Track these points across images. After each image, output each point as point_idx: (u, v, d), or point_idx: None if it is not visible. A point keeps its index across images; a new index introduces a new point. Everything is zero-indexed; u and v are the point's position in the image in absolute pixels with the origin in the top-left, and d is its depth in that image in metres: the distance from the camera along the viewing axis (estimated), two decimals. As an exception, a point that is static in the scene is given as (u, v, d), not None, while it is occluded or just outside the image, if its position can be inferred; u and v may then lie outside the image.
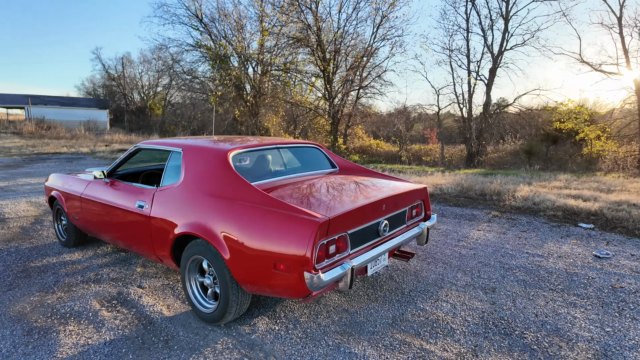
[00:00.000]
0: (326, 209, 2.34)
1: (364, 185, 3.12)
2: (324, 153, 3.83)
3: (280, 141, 3.59)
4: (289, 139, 3.87)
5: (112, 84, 38.12)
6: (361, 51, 14.69)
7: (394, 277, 3.46)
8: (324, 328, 2.61)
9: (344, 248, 2.40)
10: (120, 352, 2.32)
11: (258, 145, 3.26)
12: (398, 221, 2.97)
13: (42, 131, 26.45)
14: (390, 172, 10.47)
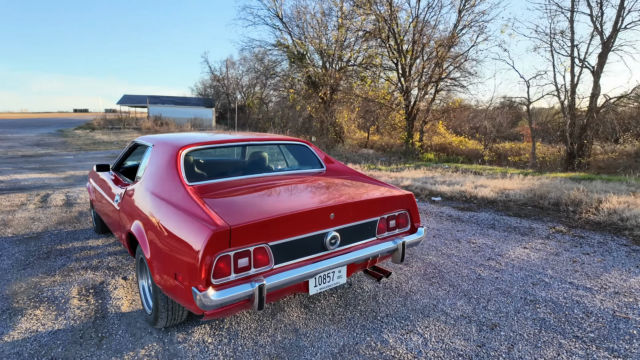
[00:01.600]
0: (239, 216, 2.06)
1: (321, 188, 2.74)
2: (312, 152, 3.50)
3: (259, 137, 3.38)
4: (274, 136, 3.63)
5: (217, 84, 41.83)
6: (441, 40, 13.53)
7: (377, 297, 3.00)
8: (258, 348, 2.35)
9: (264, 262, 2.10)
10: (53, 344, 2.38)
11: (221, 142, 3.10)
12: (360, 233, 2.53)
13: (157, 127, 30.23)
14: (461, 173, 9.46)
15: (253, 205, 2.29)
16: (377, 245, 2.56)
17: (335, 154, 14.68)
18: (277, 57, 17.87)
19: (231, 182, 2.81)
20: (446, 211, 5.78)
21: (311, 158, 3.46)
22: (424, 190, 7.18)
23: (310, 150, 3.51)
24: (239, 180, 2.87)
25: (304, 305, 2.87)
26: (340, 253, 2.40)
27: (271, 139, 3.43)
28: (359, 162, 12.39)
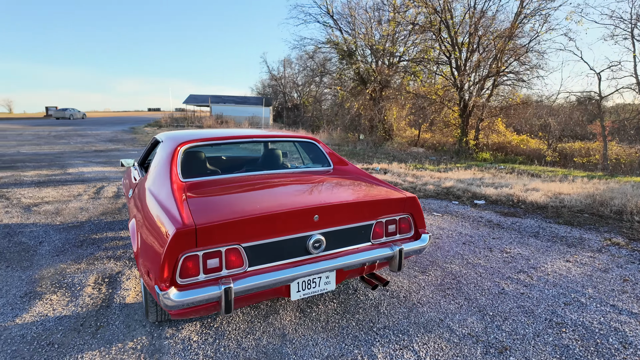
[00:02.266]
0: (211, 215, 2.00)
1: (315, 188, 2.59)
2: (321, 149, 3.36)
3: (266, 134, 3.31)
4: (282, 132, 3.54)
5: (275, 83, 42.89)
6: (500, 31, 12.53)
7: (380, 306, 2.80)
8: (239, 351, 2.28)
9: (237, 263, 2.02)
10: (55, 330, 2.51)
11: (223, 138, 3.07)
12: (351, 237, 2.36)
13: (217, 125, 31.76)
14: (516, 175, 8.72)
15: (232, 204, 2.23)
16: (371, 252, 2.37)
17: (383, 152, 14.32)
18: (326, 54, 17.86)
19: (227, 179, 2.78)
20: (487, 216, 5.32)
21: (319, 156, 3.33)
22: (466, 192, 6.70)
23: (318, 148, 3.38)
24: (235, 177, 2.83)
25: (300, 309, 2.76)
26: (327, 258, 2.25)
27: (278, 136, 3.36)
28: (405, 161, 11.95)
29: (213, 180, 2.73)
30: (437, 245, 4.11)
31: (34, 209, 5.60)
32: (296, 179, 2.86)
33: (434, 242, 4.23)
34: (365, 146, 15.99)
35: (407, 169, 10.00)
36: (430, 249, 3.99)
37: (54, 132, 24.91)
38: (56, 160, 11.55)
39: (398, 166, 10.68)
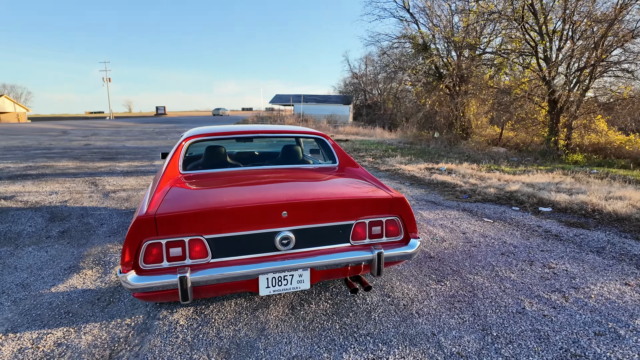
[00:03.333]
0: (175, 206, 2.08)
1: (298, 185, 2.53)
2: (329, 146, 3.27)
3: (274, 130, 3.32)
4: (291, 128, 3.50)
5: (356, 81, 42.90)
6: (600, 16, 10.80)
7: (373, 312, 2.64)
8: (215, 340, 2.34)
9: (201, 254, 2.07)
10: (76, 301, 2.85)
11: (229, 133, 3.15)
12: (327, 237, 2.26)
13: (297, 123, 32.85)
14: (607, 180, 7.53)
15: (203, 197, 2.29)
16: (348, 253, 2.26)
17: (457, 152, 13.42)
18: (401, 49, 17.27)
19: (223, 172, 2.87)
20: (546, 225, 4.69)
21: (327, 153, 3.26)
22: (531, 198, 5.98)
23: (326, 145, 3.30)
24: (232, 171, 2.91)
25: (291, 306, 2.73)
26: (297, 256, 2.20)
27: (286, 132, 3.36)
28: (479, 162, 11.06)
29: (209, 173, 2.85)
30: (469, 254, 3.74)
31: (111, 195, 6.40)
32: (290, 175, 2.84)
33: (466, 250, 3.86)
34: (439, 145, 15.17)
35: (476, 171, 9.26)
36: (459, 257, 3.65)
37: (157, 129, 28.14)
38: (150, 153, 13.01)
39: (468, 167, 9.94)
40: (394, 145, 16.11)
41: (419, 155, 12.58)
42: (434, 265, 3.47)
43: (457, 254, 3.75)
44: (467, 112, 14.79)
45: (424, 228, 4.58)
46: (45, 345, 2.28)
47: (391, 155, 12.61)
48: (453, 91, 15.23)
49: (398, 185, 7.36)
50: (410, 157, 12.16)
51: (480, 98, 14.79)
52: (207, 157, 3.22)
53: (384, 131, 27.19)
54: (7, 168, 9.68)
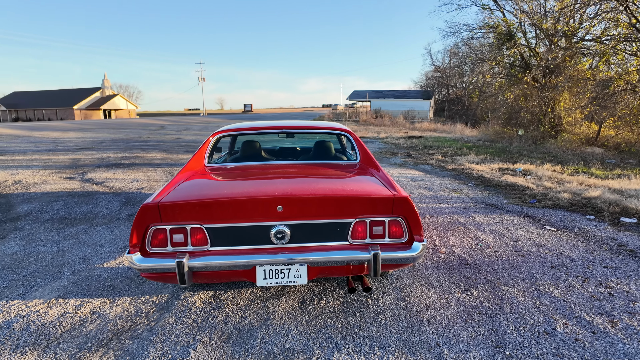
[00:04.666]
0: (179, 196, 2.23)
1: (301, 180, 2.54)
2: (352, 142, 3.19)
3: (296, 126, 3.34)
4: (316, 124, 3.48)
5: (438, 75, 40.99)
6: None
7: (380, 316, 2.56)
8: (220, 324, 2.47)
9: (201, 242, 2.20)
10: (119, 276, 3.21)
11: (255, 129, 3.25)
12: (324, 233, 2.24)
13: (372, 119, 32.49)
14: None
15: (206, 188, 2.42)
16: (345, 252, 2.21)
17: (542, 151, 12.12)
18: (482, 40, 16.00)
19: (244, 166, 2.99)
20: (623, 238, 4.06)
21: (350, 149, 3.20)
22: (613, 206, 5.20)
23: (350, 141, 3.24)
24: (253, 165, 3.03)
25: (302, 300, 2.77)
26: (293, 250, 2.22)
27: (309, 127, 3.37)
28: (566, 163, 9.88)
29: (231, 167, 3.00)
30: (513, 264, 3.40)
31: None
32: (306, 170, 2.86)
33: (511, 259, 3.51)
34: (523, 143, 13.85)
35: (557, 173, 8.30)
36: (500, 267, 3.34)
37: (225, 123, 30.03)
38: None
39: (550, 168, 8.95)
40: (472, 142, 15.12)
41: (496, 155, 11.65)
42: (467, 273, 3.22)
43: (499, 262, 3.44)
44: (556, 107, 13.21)
45: (471, 233, 4.26)
46: (83, 312, 2.63)
47: (464, 153, 11.87)
48: (540, 84, 13.72)
49: (459, 186, 6.93)
50: (485, 156, 11.32)
51: (573, 91, 13.12)
52: (240, 150, 3.41)
53: (465, 128, 25.63)
54: (108, 158, 11.16)
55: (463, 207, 5.38)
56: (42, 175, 8.00)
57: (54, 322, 2.50)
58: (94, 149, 13.47)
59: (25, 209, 5.29)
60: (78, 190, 6.56)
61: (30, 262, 3.48)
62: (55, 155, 11.76)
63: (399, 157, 11.51)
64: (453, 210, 5.24)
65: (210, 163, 3.06)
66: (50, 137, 19.31)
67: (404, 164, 10.21)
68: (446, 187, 6.87)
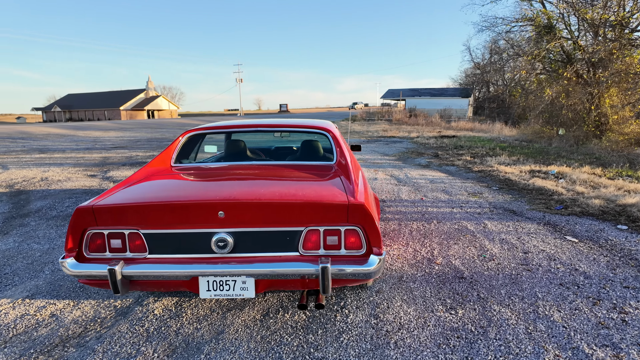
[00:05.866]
0: (115, 198, 2.09)
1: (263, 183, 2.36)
2: (330, 142, 2.94)
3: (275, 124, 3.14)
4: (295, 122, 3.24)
5: (477, 72, 39.27)
6: None
7: (343, 335, 2.31)
8: (171, 334, 2.33)
9: (140, 248, 2.05)
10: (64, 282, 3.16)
11: (229, 127, 3.09)
12: (273, 243, 2.02)
13: (406, 118, 31.67)
14: None
15: (149, 191, 2.26)
16: (294, 264, 1.98)
17: (584, 152, 11.14)
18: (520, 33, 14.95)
19: (212, 167, 2.84)
20: (656, 253, 3.53)
21: (328, 149, 2.96)
22: (652, 214, 4.58)
23: (329, 141, 2.99)
24: (223, 166, 2.87)
25: (265, 313, 2.57)
26: (237, 261, 2.02)
27: (288, 126, 3.15)
28: (609, 166, 8.99)
29: (201, 167, 2.85)
30: (515, 279, 3.02)
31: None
32: (273, 172, 2.66)
33: (515, 274, 3.12)
34: (564, 144, 12.84)
35: (596, 176, 7.56)
36: (499, 282, 2.97)
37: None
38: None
39: (589, 171, 8.18)
40: (507, 143, 14.24)
41: (531, 156, 10.86)
42: (459, 288, 2.89)
43: (499, 277, 3.06)
44: (602, 104, 12.08)
45: (477, 241, 3.88)
46: (42, 315, 2.58)
47: (496, 154, 11.16)
48: (584, 79, 12.61)
49: (480, 189, 6.44)
50: (518, 157, 10.58)
51: (622, 87, 11.95)
52: (225, 150, 3.28)
53: (504, 127, 24.35)
54: (136, 156, 11.52)
55: (477, 213, 4.95)
56: (68, 173, 8.33)
57: (9, 324, 2.46)
58: (127, 148, 14.00)
59: (38, 205, 5.47)
60: (94, 188, 6.74)
61: (18, 260, 3.53)
62: (90, 153, 12.31)
63: (424, 158, 11.01)
64: (465, 215, 4.83)
65: (183, 163, 2.93)
66: (92, 136, 20.37)
67: (428, 164, 9.73)
68: (466, 190, 6.41)
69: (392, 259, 3.45)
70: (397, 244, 3.84)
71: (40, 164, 9.99)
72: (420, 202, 5.61)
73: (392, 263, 3.36)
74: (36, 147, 14.55)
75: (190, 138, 3.11)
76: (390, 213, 4.99)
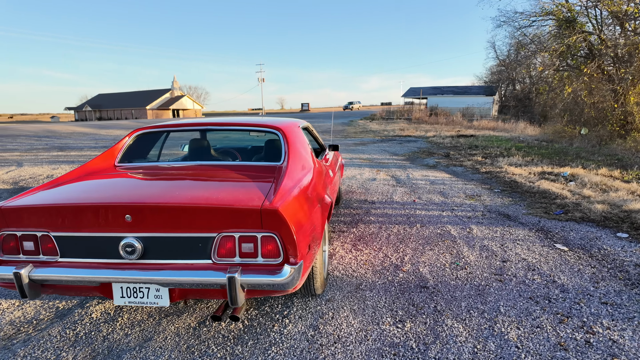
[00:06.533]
0: (26, 199, 2.03)
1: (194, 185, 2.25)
2: (281, 141, 2.79)
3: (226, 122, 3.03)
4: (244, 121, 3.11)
5: (503, 69, 37.97)
6: None
7: (271, 348, 2.16)
8: (99, 341, 2.25)
9: (52, 252, 1.98)
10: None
11: (179, 126, 2.99)
12: (184, 250, 1.90)
13: (426, 117, 30.99)
14: None
15: (65, 192, 2.18)
16: (203, 272, 1.86)
17: (606, 153, 10.48)
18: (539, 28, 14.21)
19: (149, 167, 2.75)
20: (652, 265, 3.21)
21: (278, 149, 2.82)
22: (659, 222, 4.19)
23: (278, 140, 2.84)
24: (162, 166, 2.77)
25: (203, 320, 2.46)
26: (148, 268, 1.91)
27: (236, 124, 3.03)
28: (629, 168, 8.40)
29: (138, 167, 2.77)
30: (481, 290, 2.79)
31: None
32: (208, 173, 2.55)
33: (483, 284, 2.89)
34: (586, 144, 12.15)
35: (611, 179, 7.07)
36: (463, 293, 2.75)
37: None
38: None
39: (606, 173, 7.69)
40: (526, 143, 13.63)
41: (547, 156, 10.34)
42: (418, 299, 2.69)
43: (465, 288, 2.84)
44: (627, 102, 11.32)
45: (455, 248, 3.64)
46: (-16, 314, 2.57)
47: (510, 154, 10.67)
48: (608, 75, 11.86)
49: (480, 192, 6.13)
50: (532, 157, 10.08)
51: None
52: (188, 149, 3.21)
53: (528, 126, 23.40)
54: (146, 155, 11.71)
55: (467, 217, 4.69)
56: (75, 171, 8.54)
57: (-53, 324, 2.46)
58: (140, 147, 14.27)
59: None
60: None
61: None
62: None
63: (434, 158, 10.67)
64: (452, 219, 4.58)
65: (133, 162, 2.85)
66: (113, 134, 20.97)
67: (436, 165, 9.41)
68: (464, 192, 6.12)
69: (358, 265, 3.28)
70: (369, 248, 3.66)
71: (53, 161, 10.30)
72: (412, 204, 5.38)
73: (355, 269, 3.19)
74: (57, 145, 15.08)
75: (140, 137, 3.05)
76: (375, 215, 4.80)
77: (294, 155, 2.65)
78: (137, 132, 3.08)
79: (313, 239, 2.15)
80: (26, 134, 21.51)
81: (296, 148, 2.78)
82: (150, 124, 3.20)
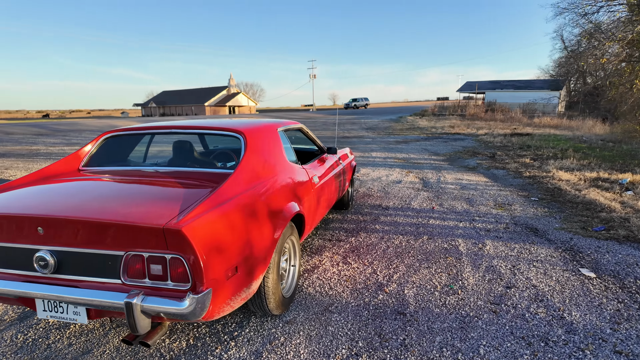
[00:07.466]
0: None
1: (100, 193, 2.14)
2: (243, 147, 2.56)
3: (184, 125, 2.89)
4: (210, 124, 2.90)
5: (572, 61, 34.61)
6: None
7: None
8: (42, 350, 2.22)
9: (-28, 260, 1.95)
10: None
11: (146, 129, 2.89)
12: (96, 267, 1.76)
13: (482, 113, 29.16)
14: None
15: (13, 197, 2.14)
16: (109, 293, 1.71)
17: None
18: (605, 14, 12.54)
19: (110, 171, 2.67)
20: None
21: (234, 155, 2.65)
22: None
23: (239, 145, 2.63)
24: (122, 170, 2.68)
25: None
26: (61, 283, 1.81)
27: (200, 127, 2.85)
28: None
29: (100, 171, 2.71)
30: (467, 324, 2.39)
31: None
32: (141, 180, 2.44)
33: (473, 316, 2.48)
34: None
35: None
36: (443, 326, 2.38)
37: (332, 120, 30.07)
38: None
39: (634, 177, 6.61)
40: (588, 143, 12.24)
41: (609, 159, 9.16)
42: (389, 328, 2.37)
43: (448, 319, 2.46)
44: None
45: (456, 267, 3.23)
46: (-41, 310, 2.66)
47: (565, 156, 9.60)
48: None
49: (514, 200, 5.50)
50: (589, 160, 8.97)
51: None
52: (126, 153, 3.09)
53: (597, 124, 21.11)
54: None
55: (486, 230, 4.19)
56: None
57: None
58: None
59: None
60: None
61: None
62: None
63: (476, 159, 9.90)
64: (467, 232, 4.11)
65: (102, 166, 2.77)
66: (166, 131, 22.12)
67: (476, 167, 8.71)
68: (495, 200, 5.53)
69: (338, 281, 3.00)
70: (359, 262, 3.36)
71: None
72: (429, 212, 4.94)
73: (333, 287, 2.92)
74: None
75: (109, 140, 2.99)
76: (382, 224, 4.45)
77: (249, 162, 2.43)
78: (106, 135, 3.05)
79: (245, 261, 1.93)
80: (92, 129, 23.38)
81: (256, 154, 2.55)
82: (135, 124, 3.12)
